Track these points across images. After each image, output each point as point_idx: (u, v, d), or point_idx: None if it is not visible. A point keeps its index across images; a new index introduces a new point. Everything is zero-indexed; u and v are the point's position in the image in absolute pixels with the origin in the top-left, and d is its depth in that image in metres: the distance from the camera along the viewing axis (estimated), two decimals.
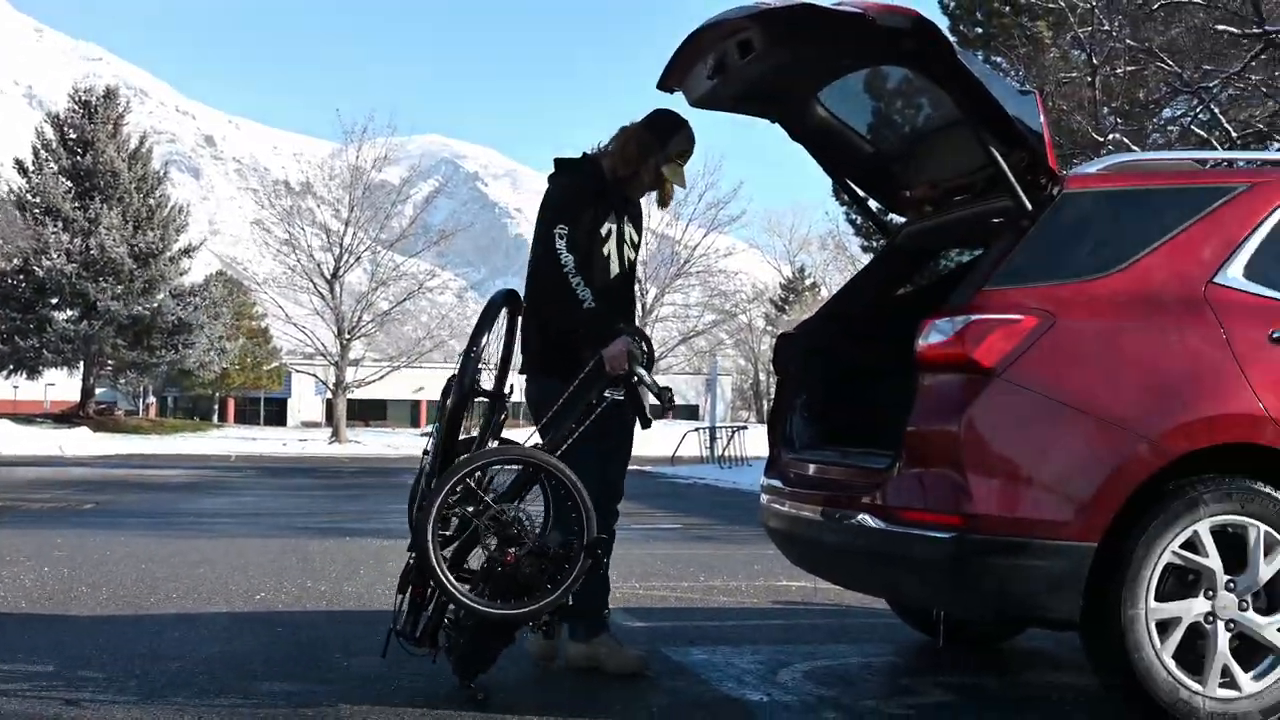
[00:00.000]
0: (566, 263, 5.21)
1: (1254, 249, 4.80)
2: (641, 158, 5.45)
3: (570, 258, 5.22)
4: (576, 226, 5.31)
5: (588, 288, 5.19)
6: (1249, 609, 4.52)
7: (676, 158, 5.49)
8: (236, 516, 14.35)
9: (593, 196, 5.42)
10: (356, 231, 52.94)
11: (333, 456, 38.86)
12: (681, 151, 5.49)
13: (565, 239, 5.25)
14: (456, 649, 4.91)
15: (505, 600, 4.77)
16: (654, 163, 5.45)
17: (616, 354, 5.06)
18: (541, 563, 4.78)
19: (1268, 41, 19.38)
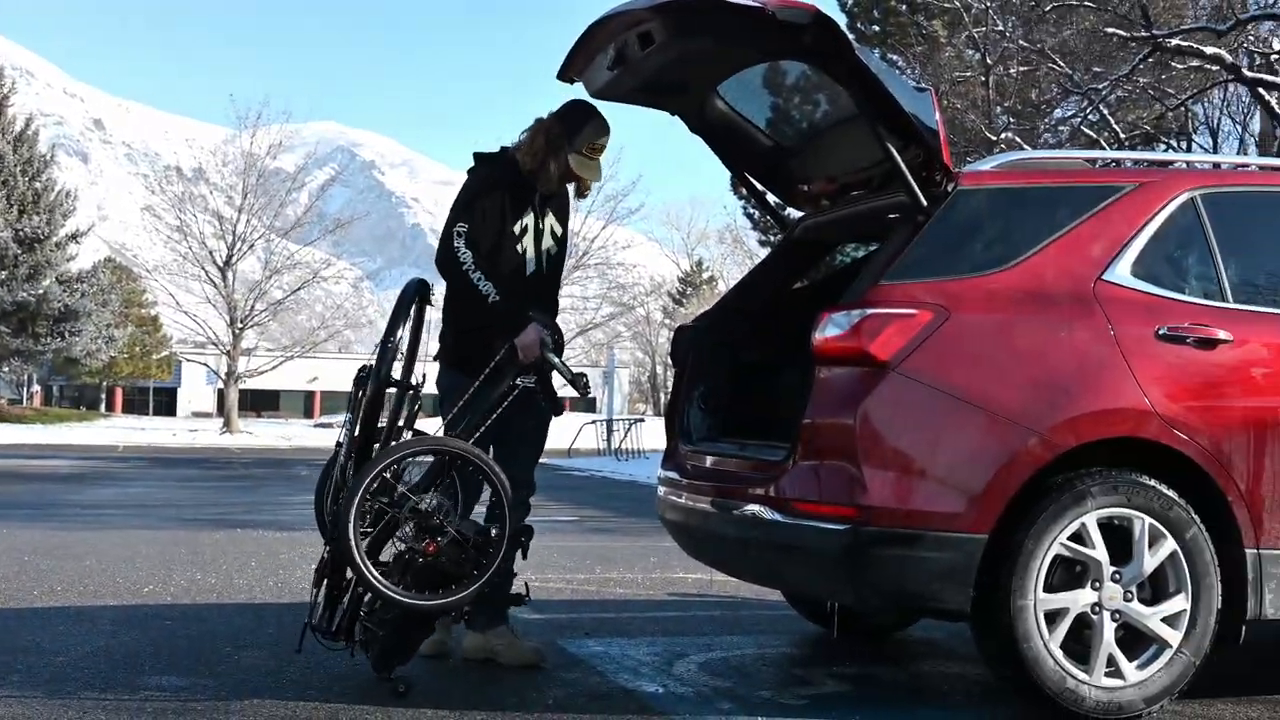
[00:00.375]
0: (465, 260, 5.17)
1: (1141, 247, 4.90)
2: (550, 150, 5.39)
3: (469, 254, 5.17)
4: (478, 223, 5.27)
5: (489, 281, 5.15)
6: (1134, 600, 4.62)
7: (587, 151, 5.41)
8: (124, 508, 14.10)
9: (505, 191, 5.37)
10: (250, 219, 52.24)
11: (224, 448, 38.32)
12: (592, 144, 5.42)
13: (463, 237, 5.21)
14: (376, 642, 4.86)
15: (427, 591, 4.74)
16: (563, 156, 5.38)
17: (529, 342, 5.06)
18: (463, 552, 4.76)
19: (1155, 45, 19.79)
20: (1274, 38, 21.88)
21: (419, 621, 4.86)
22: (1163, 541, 4.64)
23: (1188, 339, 4.77)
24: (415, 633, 4.90)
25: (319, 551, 5.04)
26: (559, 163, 5.40)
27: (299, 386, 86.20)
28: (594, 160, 5.46)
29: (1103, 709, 4.54)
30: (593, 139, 5.42)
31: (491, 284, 5.15)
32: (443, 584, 4.76)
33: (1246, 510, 4.72)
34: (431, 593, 4.74)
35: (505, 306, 5.16)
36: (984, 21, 25.01)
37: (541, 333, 5.09)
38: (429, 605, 4.74)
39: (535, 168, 5.41)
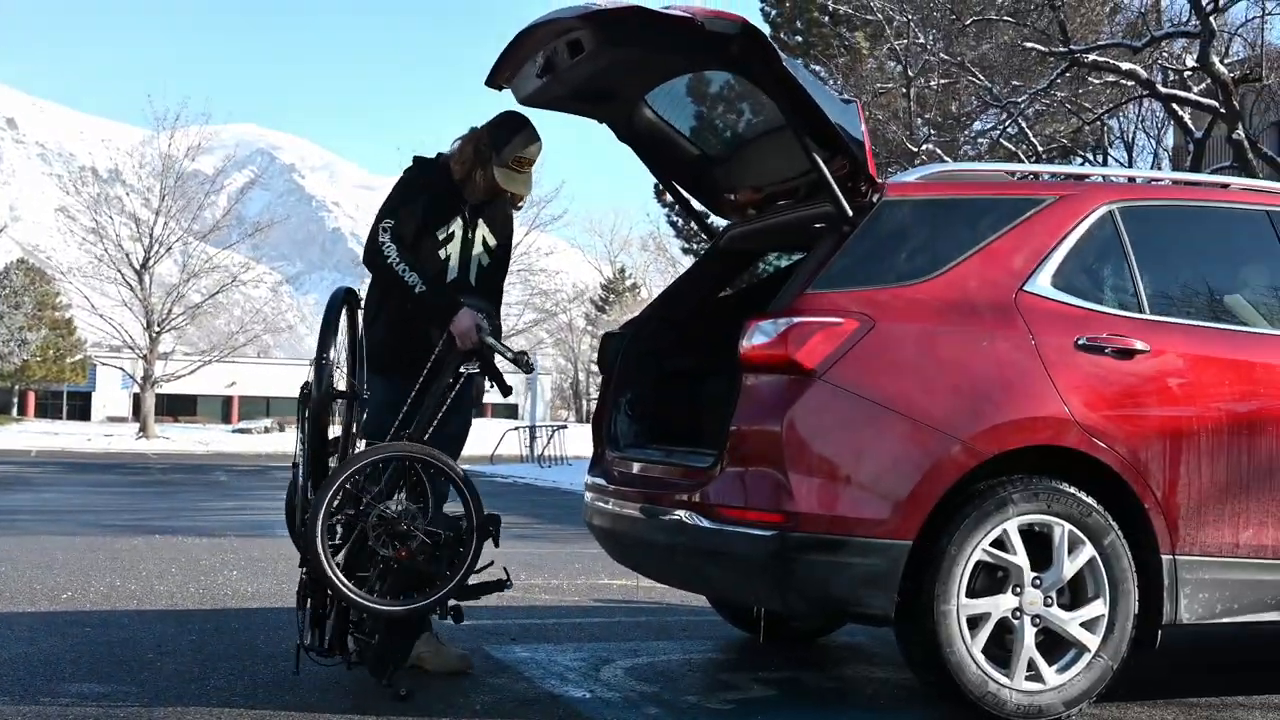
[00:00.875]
0: (389, 253, 5.16)
1: (1061, 259, 4.99)
2: (478, 160, 5.36)
3: (393, 248, 5.16)
4: (403, 222, 5.26)
5: (415, 272, 5.14)
6: (1054, 605, 4.71)
7: (513, 163, 5.35)
8: (39, 514, 13.88)
9: (431, 196, 5.35)
10: (168, 221, 51.58)
11: (140, 453, 37.79)
12: (518, 157, 5.36)
13: (389, 232, 5.21)
14: (368, 650, 4.88)
15: (407, 595, 4.74)
16: (489, 168, 5.34)
17: (464, 328, 5.05)
18: (436, 551, 4.76)
19: (1073, 60, 20.11)
20: (1187, 55, 22.27)
21: (405, 625, 4.87)
22: (1082, 548, 4.73)
23: (1106, 349, 4.86)
24: (404, 636, 4.92)
25: (244, 558, 4.99)
26: (485, 174, 5.36)
27: (217, 391, 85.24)
28: (521, 173, 5.40)
29: (1023, 712, 4.62)
30: (519, 151, 5.36)
31: (417, 275, 5.14)
32: (421, 585, 4.77)
33: (1163, 517, 4.83)
34: (411, 595, 4.75)
35: (433, 296, 5.14)
36: (905, 34, 25.28)
37: (476, 317, 5.08)
38: (408, 609, 4.74)
39: (463, 177, 5.39)
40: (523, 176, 5.41)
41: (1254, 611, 5.01)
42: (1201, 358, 5.02)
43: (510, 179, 5.37)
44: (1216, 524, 4.92)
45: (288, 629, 6.34)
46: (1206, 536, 4.90)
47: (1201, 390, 4.97)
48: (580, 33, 5.12)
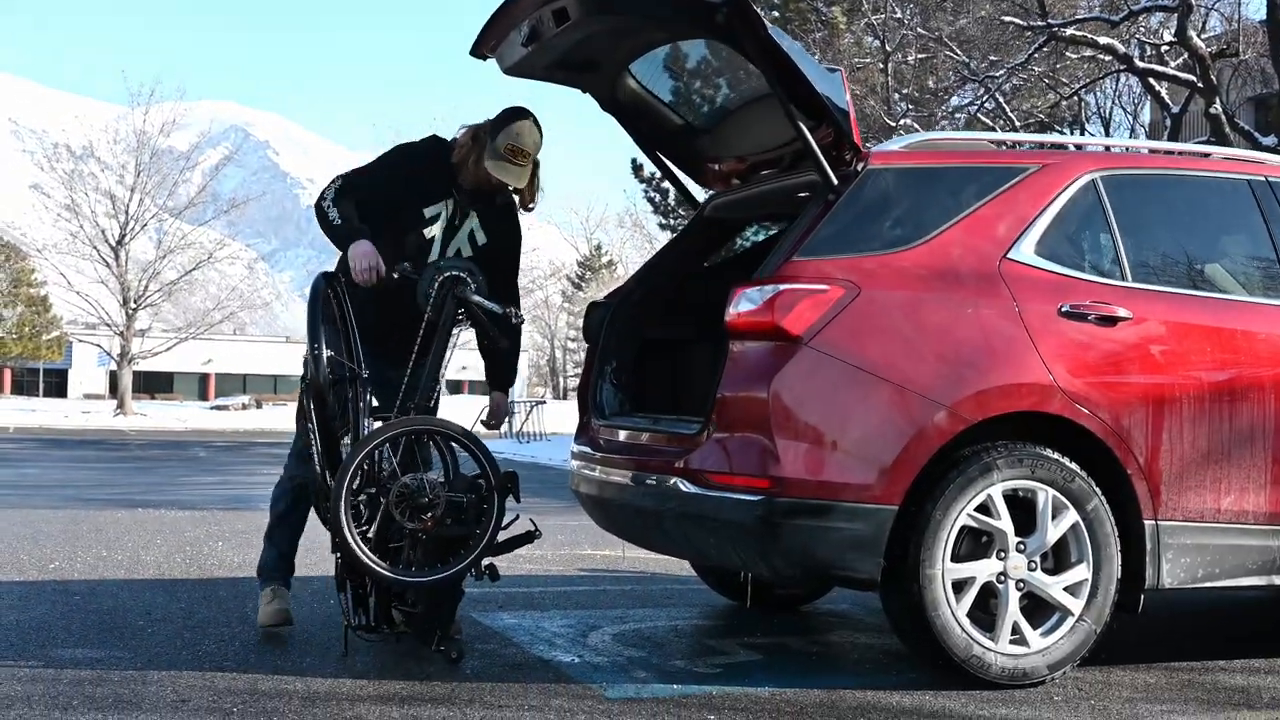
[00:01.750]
0: (326, 195, 5.21)
1: (1044, 227, 5.03)
2: (474, 146, 5.32)
3: (333, 190, 5.21)
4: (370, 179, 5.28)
5: (336, 208, 5.17)
6: (1038, 569, 4.76)
7: (506, 151, 5.26)
8: (19, 488, 13.85)
9: (430, 173, 5.35)
10: (143, 198, 51.32)
11: (118, 429, 37.67)
12: (511, 145, 5.27)
13: (338, 181, 5.26)
14: (415, 620, 4.94)
15: (441, 561, 4.78)
16: (483, 155, 5.29)
17: (360, 263, 5.06)
18: (461, 514, 4.79)
19: (1050, 34, 20.16)
20: (1164, 29, 22.37)
21: (445, 591, 4.91)
22: (1065, 513, 4.78)
23: (1089, 316, 4.91)
24: (447, 601, 4.97)
25: (229, 530, 5.03)
26: (479, 160, 5.31)
27: (194, 368, 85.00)
28: (514, 163, 5.28)
29: (1008, 675, 4.68)
30: (513, 139, 5.26)
31: (336, 211, 5.15)
32: (453, 549, 4.82)
33: (1145, 483, 4.88)
34: (446, 561, 4.78)
35: (341, 229, 5.13)
36: (882, 8, 25.30)
37: (373, 254, 5.06)
38: (444, 577, 4.76)
39: (460, 160, 5.36)
40: (515, 167, 5.29)
41: (1235, 576, 5.07)
42: (1183, 325, 5.07)
43: (502, 168, 5.27)
44: (1198, 489, 4.97)
45: None
46: (1188, 502, 4.96)
47: (1183, 357, 5.02)
48: (566, 1, 5.13)
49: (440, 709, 4.26)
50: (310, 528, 5.53)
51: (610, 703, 4.41)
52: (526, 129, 5.31)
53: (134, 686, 4.47)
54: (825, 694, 4.60)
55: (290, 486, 5.49)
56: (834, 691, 4.64)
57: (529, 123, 5.33)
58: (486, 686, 4.59)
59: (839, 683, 4.79)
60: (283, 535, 5.53)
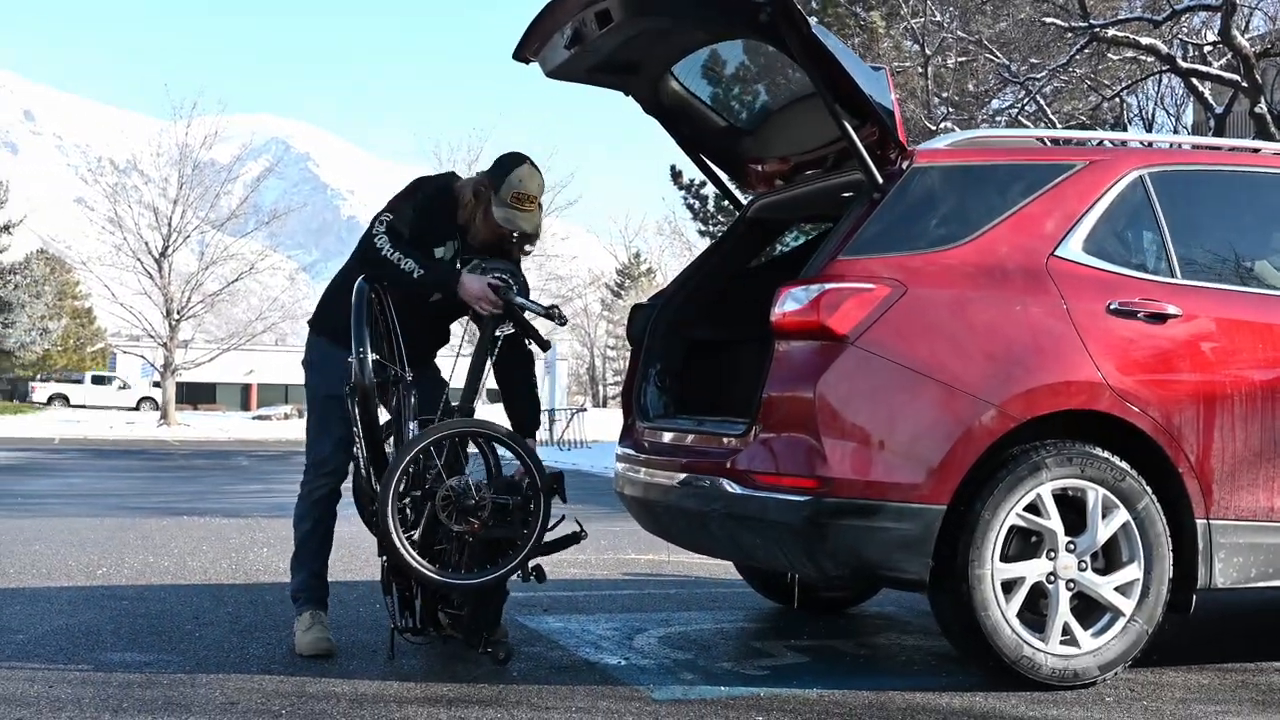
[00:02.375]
0: (381, 245, 5.03)
1: (1092, 224, 4.99)
2: (478, 203, 5.18)
3: (385, 238, 5.05)
4: (401, 221, 5.15)
5: (410, 259, 5.01)
6: (1088, 569, 4.71)
7: (512, 200, 5.12)
8: (66, 497, 13.95)
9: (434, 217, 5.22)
10: (185, 210, 51.68)
11: (162, 439, 37.93)
12: (517, 193, 5.10)
13: (384, 224, 5.10)
14: (461, 623, 4.95)
15: (487, 563, 4.79)
16: (490, 208, 5.15)
17: (475, 291, 4.99)
18: (507, 517, 4.79)
19: (1092, 35, 20.01)
20: (1207, 29, 22.18)
21: (494, 591, 4.93)
22: (1115, 512, 4.74)
23: (1138, 314, 4.86)
24: (493, 601, 4.98)
25: (273, 536, 5.04)
26: (487, 215, 5.17)
27: (236, 379, 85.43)
28: (522, 210, 5.14)
29: (1058, 676, 4.63)
30: (518, 187, 5.11)
31: (412, 261, 5.02)
32: (500, 551, 4.82)
33: (1197, 481, 4.83)
34: (492, 562, 4.79)
35: (432, 274, 5.04)
36: (922, 12, 25.19)
37: (483, 280, 5.01)
38: (491, 579, 4.77)
39: (466, 221, 5.23)
40: (524, 214, 5.16)
41: None
42: (1234, 322, 5.02)
43: (510, 217, 5.14)
44: (1251, 488, 4.91)
45: None
46: (1241, 501, 4.90)
47: (1234, 354, 4.97)
48: (609, 2, 5.12)
49: (488, 711, 4.26)
50: (351, 533, 5.53)
51: (658, 704, 4.39)
52: (528, 174, 5.15)
53: (183, 689, 4.49)
54: (874, 695, 4.57)
55: (310, 504, 5.36)
56: (882, 693, 4.61)
57: (528, 166, 5.18)
58: (534, 689, 4.59)
59: (887, 684, 4.76)
60: (311, 555, 5.36)
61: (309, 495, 5.36)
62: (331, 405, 5.23)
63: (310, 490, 5.36)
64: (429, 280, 5.04)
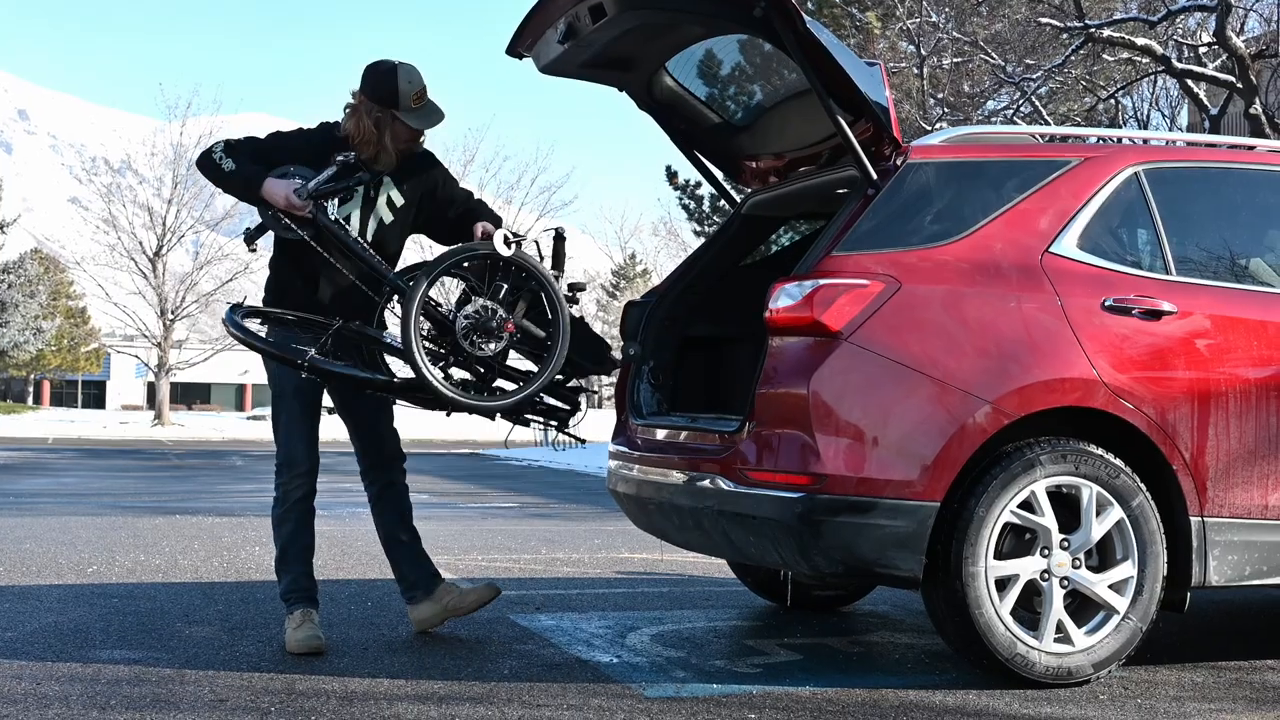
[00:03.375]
0: (214, 148, 5.07)
1: (1086, 221, 4.97)
2: (379, 129, 5.13)
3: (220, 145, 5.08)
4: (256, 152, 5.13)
5: (231, 159, 5.02)
6: (1082, 567, 4.69)
7: (414, 102, 5.14)
8: (59, 496, 13.92)
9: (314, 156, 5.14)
10: (179, 210, 51.67)
11: (156, 439, 37.92)
12: (415, 94, 5.13)
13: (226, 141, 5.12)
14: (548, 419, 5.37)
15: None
16: (397, 123, 5.14)
17: (276, 194, 4.99)
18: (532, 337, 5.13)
19: (1087, 36, 20.00)
20: (1202, 30, 22.18)
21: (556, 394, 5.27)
22: (1110, 509, 4.71)
23: (1133, 310, 4.84)
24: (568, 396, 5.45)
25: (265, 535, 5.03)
26: (395, 134, 5.15)
27: (230, 379, 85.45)
28: (427, 105, 5.19)
29: (1052, 674, 4.61)
30: (411, 90, 5.12)
31: (232, 163, 5.02)
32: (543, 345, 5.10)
33: (1191, 479, 4.81)
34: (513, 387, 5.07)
35: (241, 174, 5.02)
36: (917, 13, 25.19)
37: (287, 184, 4.98)
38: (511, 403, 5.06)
39: (374, 154, 5.17)
40: (430, 106, 5.21)
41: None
42: (1229, 319, 5.00)
43: (420, 117, 5.17)
44: (1245, 486, 4.89)
45: None
46: (1235, 498, 4.88)
47: (1229, 352, 4.95)
48: None
49: (479, 708, 4.23)
50: (343, 532, 5.51)
51: (649, 702, 4.36)
52: (406, 70, 5.15)
53: (172, 686, 4.46)
54: (867, 693, 4.55)
55: (288, 507, 5.27)
56: (876, 691, 4.59)
57: (403, 66, 5.17)
58: (524, 686, 4.56)
59: (881, 682, 4.73)
60: (296, 556, 5.28)
61: (286, 497, 5.28)
62: (299, 398, 5.21)
63: (287, 493, 5.28)
64: (239, 180, 5.05)
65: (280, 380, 5.24)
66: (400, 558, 5.48)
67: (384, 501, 5.46)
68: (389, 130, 5.15)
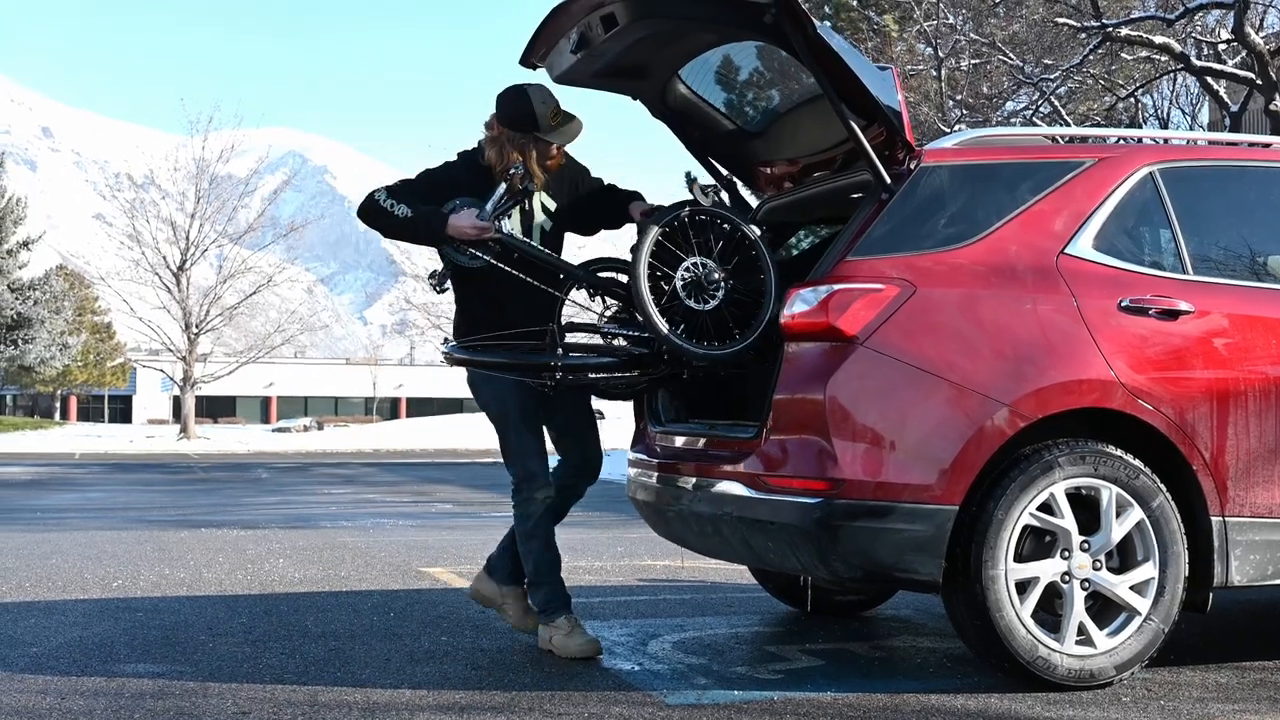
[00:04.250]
0: (378, 195, 5.17)
1: (1102, 221, 4.96)
2: (524, 154, 5.27)
3: (384, 192, 5.18)
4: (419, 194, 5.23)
5: (402, 204, 5.13)
6: (1102, 568, 4.67)
7: (554, 121, 5.28)
8: (85, 511, 14.00)
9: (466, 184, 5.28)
10: (203, 225, 51.96)
11: (182, 453, 38.08)
12: (551, 113, 5.27)
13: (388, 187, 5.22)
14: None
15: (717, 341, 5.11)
16: (542, 144, 5.27)
17: (463, 225, 5.11)
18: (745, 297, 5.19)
19: (1105, 35, 19.96)
20: (1221, 27, 22.12)
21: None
22: (1130, 510, 4.70)
23: (1150, 310, 4.83)
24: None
25: (290, 547, 5.04)
26: (540, 152, 5.29)
27: (255, 392, 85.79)
28: (566, 122, 5.32)
29: (1074, 676, 4.59)
30: (544, 108, 5.26)
31: (405, 207, 5.13)
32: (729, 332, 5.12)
33: (1211, 479, 4.79)
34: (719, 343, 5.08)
35: (421, 216, 5.13)
36: (935, 15, 25.18)
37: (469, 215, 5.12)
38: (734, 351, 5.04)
39: (526, 170, 5.28)
40: (566, 118, 5.33)
41: None
42: (1247, 318, 4.98)
43: (562, 133, 5.32)
44: (1266, 485, 4.87)
45: (337, 610, 6.41)
46: (1256, 497, 4.86)
47: (1247, 350, 4.93)
48: (614, 6, 5.12)
49: (499, 717, 4.24)
50: (366, 543, 5.53)
51: (671, 709, 4.37)
52: (536, 91, 5.30)
53: (195, 699, 4.49)
54: (889, 698, 4.54)
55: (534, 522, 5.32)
56: (897, 695, 4.58)
57: (534, 89, 5.31)
58: (545, 695, 4.57)
59: (902, 687, 4.73)
60: (548, 568, 5.34)
61: (530, 515, 5.32)
62: (523, 416, 5.29)
63: (528, 511, 5.32)
64: (421, 225, 5.15)
65: (502, 401, 5.30)
66: (508, 543, 5.54)
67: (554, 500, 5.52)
68: (534, 153, 5.28)
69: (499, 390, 5.27)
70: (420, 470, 25.50)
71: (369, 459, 33.00)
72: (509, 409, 5.30)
